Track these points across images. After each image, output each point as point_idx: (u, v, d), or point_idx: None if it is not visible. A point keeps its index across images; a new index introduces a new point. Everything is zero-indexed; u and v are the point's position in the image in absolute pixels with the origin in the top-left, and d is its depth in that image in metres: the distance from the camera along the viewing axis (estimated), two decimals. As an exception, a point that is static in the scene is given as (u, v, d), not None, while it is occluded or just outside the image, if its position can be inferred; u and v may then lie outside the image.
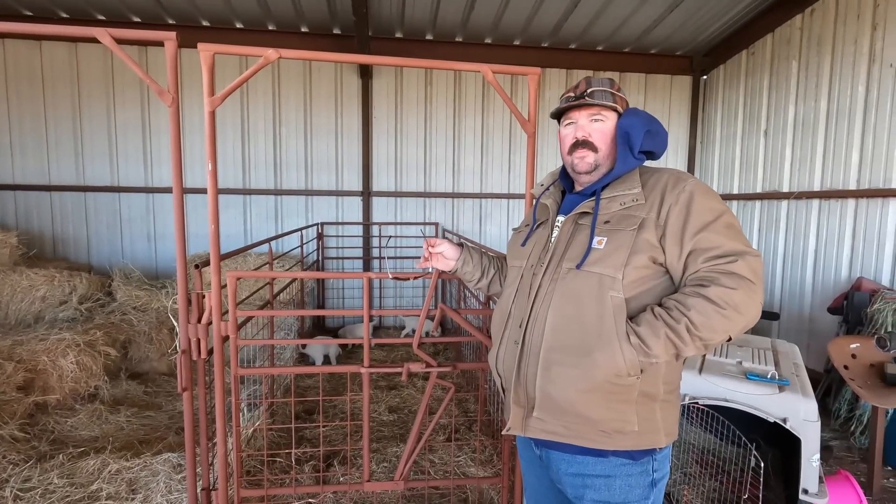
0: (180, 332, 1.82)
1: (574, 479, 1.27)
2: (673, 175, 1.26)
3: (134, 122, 5.69)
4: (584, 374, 1.17)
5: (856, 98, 4.17)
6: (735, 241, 1.15)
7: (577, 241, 1.28)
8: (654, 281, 1.22)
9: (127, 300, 4.67)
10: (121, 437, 3.16)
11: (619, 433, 1.20)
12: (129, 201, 5.78)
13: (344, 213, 6.17)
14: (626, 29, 5.61)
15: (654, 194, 1.23)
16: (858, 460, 3.20)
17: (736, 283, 1.10)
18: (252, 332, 3.61)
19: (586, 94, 1.32)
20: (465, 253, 1.64)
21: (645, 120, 1.29)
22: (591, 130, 1.32)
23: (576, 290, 1.21)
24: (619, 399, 1.19)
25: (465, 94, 6.19)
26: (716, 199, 1.21)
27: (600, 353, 1.16)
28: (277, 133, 5.95)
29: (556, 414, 1.23)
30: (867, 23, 4.07)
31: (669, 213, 1.19)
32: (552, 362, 1.21)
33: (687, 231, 1.17)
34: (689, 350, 1.15)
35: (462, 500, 2.63)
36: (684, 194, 1.19)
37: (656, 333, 1.13)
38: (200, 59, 1.71)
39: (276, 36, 5.68)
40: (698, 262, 1.16)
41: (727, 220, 1.18)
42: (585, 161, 1.32)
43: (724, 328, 1.12)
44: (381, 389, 4.06)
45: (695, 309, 1.11)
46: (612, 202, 1.27)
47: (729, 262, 1.12)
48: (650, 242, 1.19)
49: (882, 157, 3.93)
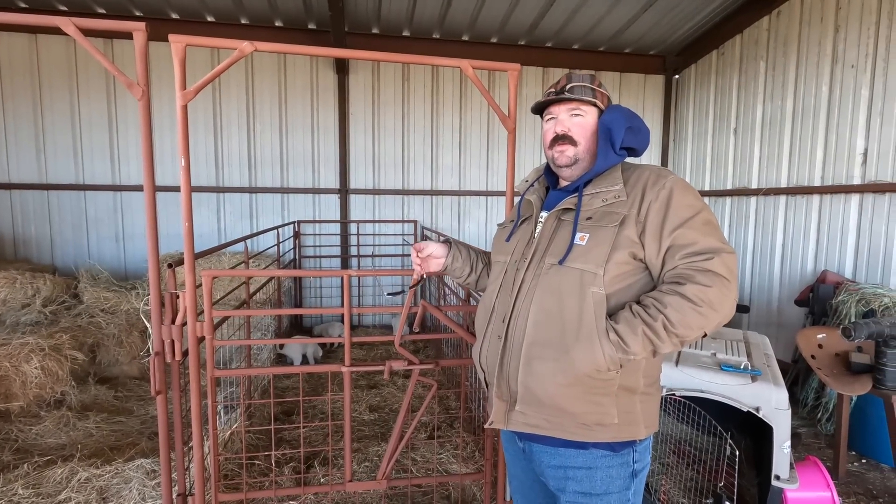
0: (153, 333, 1.77)
1: (556, 471, 1.29)
2: (654, 172, 1.28)
3: (100, 117, 5.48)
4: (564, 369, 1.19)
5: (820, 97, 4.32)
6: (712, 237, 1.18)
7: (559, 236, 1.29)
8: (634, 277, 1.24)
9: (94, 302, 4.50)
10: (90, 443, 3.05)
11: (599, 426, 1.22)
12: (95, 200, 5.57)
13: (321, 211, 6.08)
14: (600, 28, 5.68)
15: (636, 191, 1.25)
16: (825, 446, 3.33)
17: (711, 281, 1.12)
18: (228, 333, 3.52)
19: (566, 89, 1.33)
20: (453, 249, 1.63)
21: (626, 116, 1.31)
22: (570, 125, 1.34)
23: (557, 286, 1.23)
24: (599, 392, 1.21)
25: (442, 90, 6.17)
26: (694, 196, 1.23)
27: (580, 349, 1.18)
28: (252, 129, 5.82)
29: (538, 407, 1.25)
30: (830, 25, 4.23)
31: (649, 210, 1.21)
32: (533, 356, 1.23)
33: (666, 227, 1.19)
34: (665, 347, 1.17)
35: (445, 498, 2.62)
36: (664, 191, 1.21)
37: (634, 331, 1.15)
38: (172, 52, 1.65)
39: (249, 30, 5.55)
40: (676, 258, 1.18)
41: (705, 216, 1.20)
42: (565, 155, 1.34)
43: (699, 325, 1.14)
44: (361, 389, 4.03)
45: (671, 307, 1.13)
46: (595, 199, 1.28)
47: (705, 259, 1.14)
48: (631, 239, 1.20)
49: (844, 154, 4.09)
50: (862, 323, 2.41)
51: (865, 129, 3.93)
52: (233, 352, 3.92)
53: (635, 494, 1.30)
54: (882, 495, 2.77)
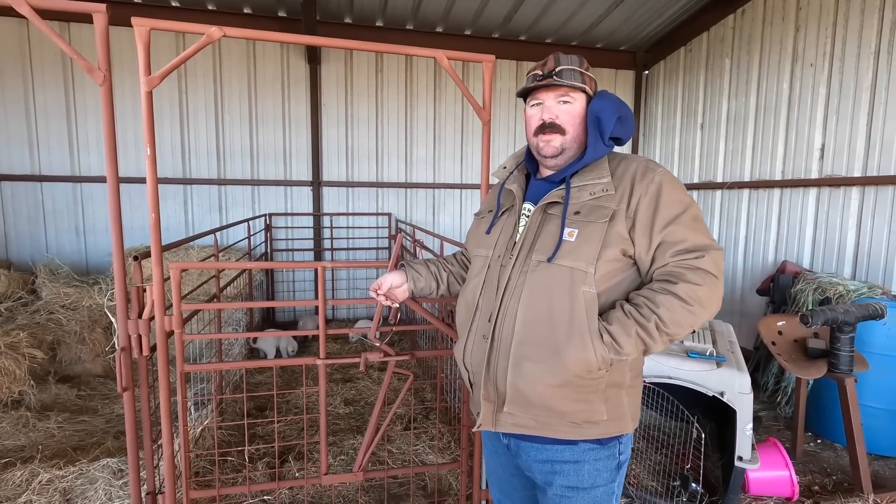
0: (119, 328, 1.71)
1: (543, 465, 1.27)
2: (641, 164, 1.24)
3: (56, 104, 5.22)
4: (554, 370, 1.16)
5: (781, 95, 4.48)
6: (701, 234, 1.16)
7: (546, 231, 1.24)
8: (623, 274, 1.21)
9: (54, 298, 4.31)
10: (51, 444, 2.93)
11: (588, 423, 1.21)
12: (52, 191, 5.32)
13: (293, 203, 5.97)
14: (573, 22, 5.74)
15: (624, 184, 1.21)
16: (784, 428, 3.49)
17: (702, 279, 1.12)
18: (197, 328, 3.43)
19: (554, 72, 1.26)
20: (410, 272, 1.55)
21: (616, 104, 1.26)
22: (558, 112, 1.27)
23: (547, 284, 1.19)
24: (588, 391, 1.19)
25: (416, 82, 6.13)
26: (682, 191, 1.21)
27: (572, 350, 1.14)
28: (220, 119, 5.65)
29: (526, 408, 1.22)
30: (791, 24, 4.38)
31: (639, 205, 1.18)
32: (523, 357, 1.19)
33: (656, 223, 1.16)
34: (657, 346, 1.15)
35: (421, 488, 2.64)
36: (653, 185, 1.18)
37: (627, 332, 1.13)
38: (135, 35, 1.58)
39: (217, 16, 5.36)
40: (666, 255, 1.16)
41: (693, 212, 1.18)
42: (551, 145, 1.27)
43: (689, 323, 1.13)
44: (336, 382, 4.00)
45: (664, 306, 1.12)
46: (582, 191, 1.23)
47: (696, 257, 1.13)
48: (621, 235, 1.17)
49: (803, 149, 4.27)
50: (818, 310, 2.53)
51: (823, 125, 4.11)
52: (203, 348, 3.83)
53: (619, 486, 1.31)
54: (835, 472, 2.92)
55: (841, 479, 2.85)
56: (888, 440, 3.08)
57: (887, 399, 3.05)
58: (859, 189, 3.82)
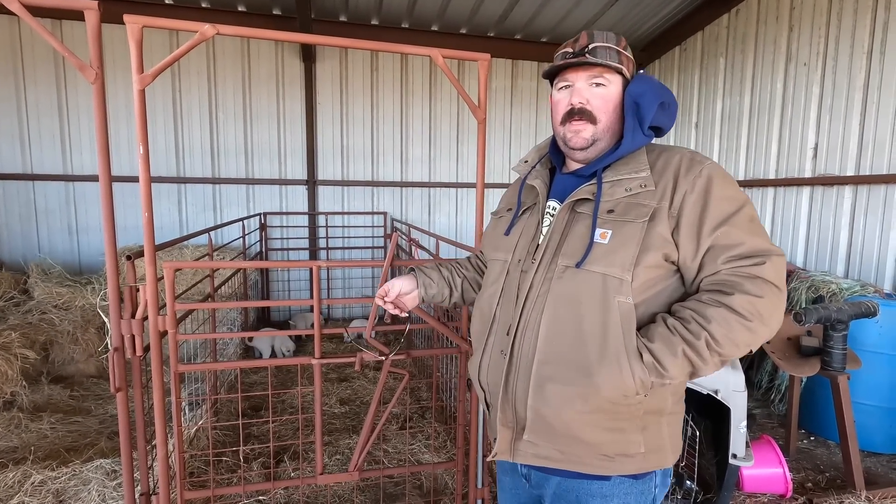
0: (112, 328, 1.69)
1: (568, 494, 1.11)
2: (686, 156, 1.06)
3: (48, 102, 5.18)
4: (584, 394, 1.00)
5: (775, 94, 4.51)
6: (759, 237, 0.99)
7: (575, 233, 1.07)
8: (664, 282, 1.04)
9: (46, 298, 4.27)
10: (44, 445, 2.91)
11: (623, 456, 1.04)
12: (45, 190, 5.27)
13: (288, 202, 5.95)
14: (568, 21, 5.74)
15: (666, 179, 1.04)
16: (777, 425, 3.51)
17: (762, 290, 0.95)
18: (192, 328, 3.42)
19: (587, 50, 1.08)
20: (421, 277, 1.39)
21: (658, 88, 1.09)
22: (590, 96, 1.09)
23: (575, 293, 1.02)
24: (622, 419, 1.02)
25: (412, 81, 6.12)
26: (735, 187, 1.03)
27: (605, 371, 0.98)
28: (214, 118, 5.62)
29: (550, 437, 1.05)
30: (784, 24, 4.41)
31: (684, 203, 1.01)
32: (546, 378, 1.03)
33: (705, 224, 0.99)
34: (707, 369, 0.97)
35: (417, 487, 2.64)
36: (701, 179, 1.01)
37: (673, 351, 0.96)
38: (127, 33, 1.57)
39: (210, 14, 5.33)
40: (718, 262, 0.98)
41: (749, 211, 1.01)
42: (581, 136, 1.10)
43: (746, 342, 0.96)
44: (331, 382, 3.99)
45: (716, 321, 0.94)
46: (617, 187, 1.06)
47: (755, 264, 0.96)
48: (663, 237, 1.00)
49: (797, 148, 4.29)
50: (811, 308, 2.55)
51: (816, 124, 4.13)
52: (197, 348, 3.81)
53: None
54: (828, 469, 2.95)
55: (834, 476, 2.87)
56: (881, 437, 3.10)
57: (879, 396, 3.07)
58: (852, 188, 3.85)
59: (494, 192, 6.55)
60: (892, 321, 2.98)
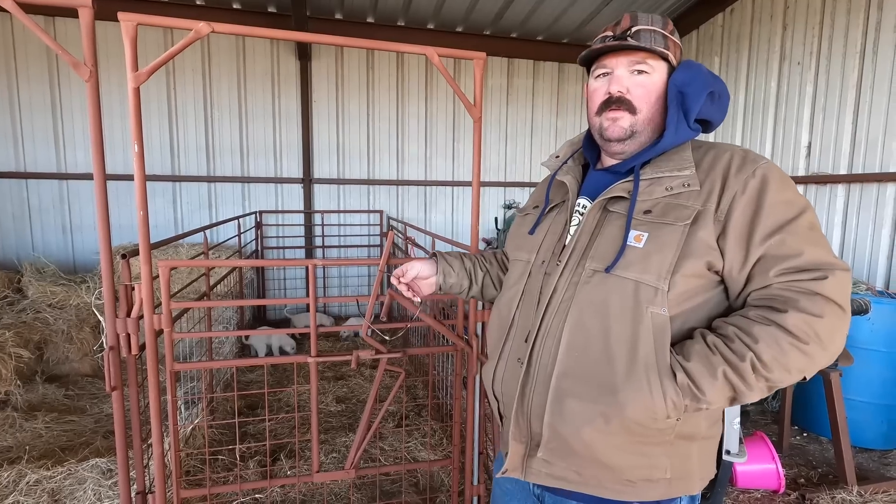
0: (107, 327, 1.69)
1: None
2: (738, 154, 0.94)
3: (41, 100, 5.14)
4: (607, 414, 0.90)
5: (769, 93, 4.53)
6: (821, 248, 0.86)
7: (606, 234, 0.97)
8: (705, 294, 0.92)
9: (41, 297, 4.25)
10: (39, 445, 2.90)
11: (646, 482, 0.94)
12: (38, 188, 5.24)
13: (283, 200, 5.94)
14: (564, 19, 5.75)
15: (713, 178, 0.92)
16: (771, 422, 3.54)
17: (822, 309, 0.82)
18: (187, 327, 3.41)
19: (629, 33, 0.98)
20: (442, 264, 1.29)
21: (707, 77, 0.98)
22: (630, 84, 0.99)
23: (603, 301, 0.92)
24: (649, 443, 0.92)
25: (408, 79, 6.11)
26: (793, 190, 0.90)
27: (633, 391, 0.88)
28: (209, 116, 5.60)
29: (567, 457, 0.96)
30: (778, 23, 4.43)
31: (733, 205, 0.89)
32: (566, 393, 0.94)
33: (757, 231, 0.87)
34: (751, 395, 0.85)
35: (413, 485, 2.65)
36: (754, 180, 0.89)
37: (712, 373, 0.84)
38: (122, 31, 1.56)
39: (205, 12, 5.31)
40: (770, 274, 0.86)
41: (810, 218, 0.88)
42: (618, 125, 1.00)
43: (800, 367, 0.84)
44: (327, 380, 3.99)
45: (764, 341, 0.82)
46: (656, 185, 0.96)
47: (814, 279, 0.83)
48: (707, 244, 0.89)
49: (790, 147, 4.32)
50: (804, 306, 2.57)
51: (809, 123, 4.16)
52: (193, 346, 3.80)
53: None
54: (821, 465, 2.98)
55: (826, 472, 2.90)
56: (872, 433, 3.14)
57: (871, 393, 3.10)
58: (844, 186, 3.88)
59: (490, 190, 6.56)
60: (883, 318, 3.01)
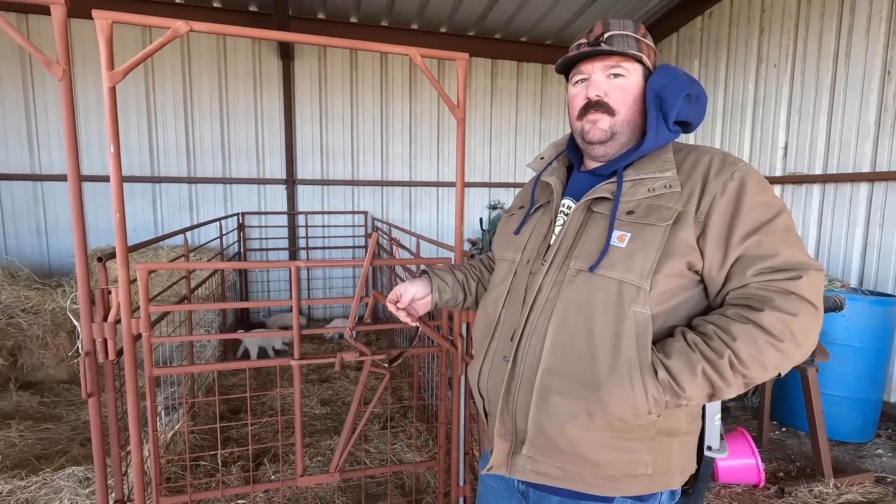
0: (83, 332, 1.65)
1: None
2: (717, 156, 0.98)
3: (14, 100, 4.99)
4: (590, 410, 0.93)
5: (747, 95, 4.63)
6: (796, 249, 0.91)
7: (590, 234, 1.00)
8: (686, 293, 0.96)
9: (14, 302, 4.12)
10: (12, 454, 2.82)
11: (628, 477, 0.97)
12: (11, 190, 5.09)
13: (266, 202, 5.87)
14: (547, 21, 5.80)
15: (693, 180, 0.96)
16: (751, 417, 3.61)
17: (796, 308, 0.86)
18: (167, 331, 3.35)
19: (602, 39, 1.02)
20: (435, 281, 1.31)
21: (684, 80, 1.01)
22: (607, 88, 1.03)
23: (587, 300, 0.95)
24: (631, 438, 0.95)
25: (392, 79, 6.09)
26: (771, 193, 0.95)
27: (615, 387, 0.91)
28: (190, 116, 5.51)
29: (551, 453, 0.99)
30: (756, 26, 4.52)
31: (713, 207, 0.93)
32: (551, 390, 0.96)
33: (735, 232, 0.91)
34: (729, 392, 0.89)
35: (399, 487, 2.64)
36: (733, 183, 0.93)
37: (692, 369, 0.88)
38: (97, 29, 1.53)
39: (184, 10, 5.22)
40: (747, 273, 0.90)
41: (786, 220, 0.92)
42: (598, 127, 1.03)
43: (775, 364, 0.88)
44: (311, 383, 3.95)
45: (742, 339, 0.86)
46: (639, 187, 0.99)
47: (789, 278, 0.88)
48: (687, 243, 0.92)
49: (768, 147, 4.41)
50: (782, 303, 2.62)
51: (786, 124, 4.26)
52: (173, 351, 3.74)
53: None
54: (799, 459, 3.04)
55: (804, 465, 2.96)
56: (848, 427, 3.22)
57: (846, 387, 3.18)
58: (820, 186, 3.97)
59: (475, 191, 6.57)
60: (857, 315, 3.09)
